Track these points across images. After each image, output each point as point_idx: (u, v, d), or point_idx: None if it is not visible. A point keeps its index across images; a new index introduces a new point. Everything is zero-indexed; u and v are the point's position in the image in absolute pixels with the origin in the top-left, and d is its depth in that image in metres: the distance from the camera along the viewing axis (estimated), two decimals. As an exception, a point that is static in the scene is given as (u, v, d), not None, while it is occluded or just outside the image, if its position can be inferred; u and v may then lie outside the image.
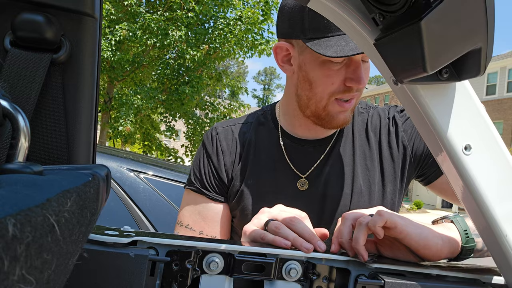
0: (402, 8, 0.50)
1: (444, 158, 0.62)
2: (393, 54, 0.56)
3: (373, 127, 1.18)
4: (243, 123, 1.22)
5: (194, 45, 10.69)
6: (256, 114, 1.24)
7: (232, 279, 0.72)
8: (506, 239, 0.62)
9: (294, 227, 0.80)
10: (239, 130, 1.20)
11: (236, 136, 1.19)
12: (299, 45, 1.04)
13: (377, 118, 1.19)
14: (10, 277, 0.22)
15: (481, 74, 0.54)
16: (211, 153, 1.18)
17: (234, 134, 1.19)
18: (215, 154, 1.17)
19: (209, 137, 1.21)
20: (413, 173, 1.17)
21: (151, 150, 13.07)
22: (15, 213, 0.24)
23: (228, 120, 1.26)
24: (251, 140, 1.17)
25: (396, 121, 1.17)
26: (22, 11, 0.52)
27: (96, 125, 0.62)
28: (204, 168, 1.18)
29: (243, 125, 1.21)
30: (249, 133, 1.19)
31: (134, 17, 10.34)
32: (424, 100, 0.59)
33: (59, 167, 0.48)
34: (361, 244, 0.74)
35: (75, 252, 0.38)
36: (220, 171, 1.16)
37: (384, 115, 1.20)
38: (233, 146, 1.18)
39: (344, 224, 0.81)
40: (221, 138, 1.19)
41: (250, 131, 1.19)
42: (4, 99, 0.40)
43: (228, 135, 1.19)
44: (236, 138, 1.19)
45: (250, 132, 1.19)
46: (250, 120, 1.23)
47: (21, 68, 0.53)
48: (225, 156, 1.17)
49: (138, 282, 0.65)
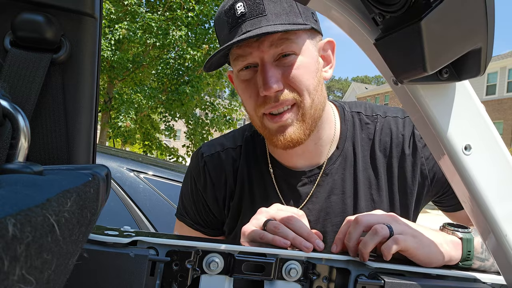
0: (402, 8, 0.50)
1: (444, 158, 0.62)
2: (393, 54, 0.55)
3: (382, 145, 1.01)
4: (232, 147, 1.10)
5: (194, 45, 10.69)
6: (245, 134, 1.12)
7: (232, 279, 0.72)
8: (506, 239, 0.61)
9: (293, 226, 0.80)
10: (228, 158, 1.09)
11: (225, 166, 1.08)
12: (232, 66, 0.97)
13: (388, 133, 1.01)
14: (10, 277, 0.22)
15: (481, 74, 0.54)
16: (201, 188, 1.10)
17: (223, 163, 1.08)
18: (205, 189, 1.09)
19: (196, 168, 1.11)
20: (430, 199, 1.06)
21: (151, 150, 13.07)
22: (15, 213, 0.24)
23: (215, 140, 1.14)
24: (243, 173, 1.07)
25: (415, 143, 1.00)
26: (22, 11, 0.52)
27: (96, 125, 0.62)
28: (196, 203, 1.11)
29: (232, 151, 1.10)
30: (239, 161, 1.08)
31: (134, 17, 10.34)
32: (424, 100, 0.59)
33: (59, 167, 0.48)
34: (369, 250, 0.74)
35: (75, 252, 0.38)
36: (213, 206, 1.09)
37: (397, 130, 1.01)
38: (224, 179, 1.08)
39: (355, 228, 0.77)
40: (210, 169, 1.08)
41: (240, 159, 1.08)
42: (4, 99, 0.40)
43: (217, 165, 1.08)
44: (226, 169, 1.08)
45: (241, 160, 1.08)
46: (239, 144, 1.11)
47: (21, 68, 0.53)
48: (216, 191, 1.08)
49: (138, 282, 0.65)
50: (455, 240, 0.80)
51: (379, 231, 0.74)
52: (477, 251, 0.81)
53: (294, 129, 0.91)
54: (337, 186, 1.01)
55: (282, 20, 0.87)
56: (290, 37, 0.88)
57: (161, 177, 2.42)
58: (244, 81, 0.93)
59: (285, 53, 0.89)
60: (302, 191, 1.02)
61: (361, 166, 1.01)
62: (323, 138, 1.01)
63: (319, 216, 1.01)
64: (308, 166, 1.03)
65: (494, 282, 0.75)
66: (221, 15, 0.93)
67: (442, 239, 0.79)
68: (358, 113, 1.06)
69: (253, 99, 0.92)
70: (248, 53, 0.89)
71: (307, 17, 0.91)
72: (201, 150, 1.13)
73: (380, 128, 1.03)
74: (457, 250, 0.79)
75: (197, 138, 11.97)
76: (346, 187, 1.00)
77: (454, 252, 0.79)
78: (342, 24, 0.62)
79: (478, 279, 0.76)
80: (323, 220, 1.01)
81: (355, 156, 1.01)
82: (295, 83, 0.89)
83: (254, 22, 0.86)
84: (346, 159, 1.02)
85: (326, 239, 1.00)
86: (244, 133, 1.13)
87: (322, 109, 0.96)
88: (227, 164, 1.08)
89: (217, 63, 0.96)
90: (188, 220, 1.13)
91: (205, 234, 1.13)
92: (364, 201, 0.99)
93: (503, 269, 0.67)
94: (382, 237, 0.74)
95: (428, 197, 1.04)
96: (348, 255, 0.76)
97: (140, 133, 13.25)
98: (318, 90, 0.93)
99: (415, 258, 0.76)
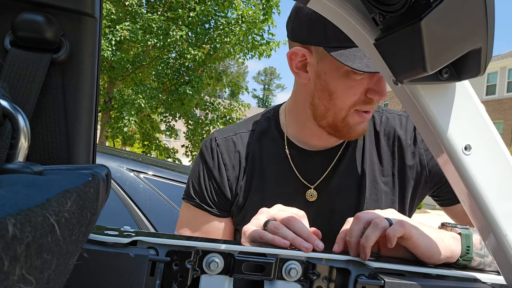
0: (402, 8, 0.50)
1: (444, 158, 0.62)
2: (393, 54, 0.56)
3: (385, 134, 1.10)
4: (245, 132, 1.14)
5: (195, 45, 10.69)
6: (259, 120, 1.16)
7: (232, 279, 0.72)
8: (506, 239, 0.61)
9: (292, 227, 0.80)
10: (241, 141, 1.12)
11: (238, 148, 1.11)
12: (319, 53, 0.96)
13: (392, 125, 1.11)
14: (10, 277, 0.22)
15: (481, 74, 0.54)
16: (212, 167, 1.11)
17: (236, 146, 1.12)
18: (216, 169, 1.10)
19: (208, 149, 1.13)
20: (428, 193, 1.11)
21: (151, 150, 13.06)
22: (15, 213, 0.24)
23: (227, 128, 1.18)
24: (255, 152, 1.10)
25: (416, 136, 1.09)
26: (22, 11, 0.52)
27: (96, 125, 0.62)
28: (205, 183, 1.11)
29: (245, 135, 1.13)
30: (252, 143, 1.12)
31: (135, 17, 10.34)
32: (424, 100, 0.59)
33: (59, 167, 0.48)
34: (371, 244, 0.74)
35: (75, 252, 0.38)
36: (223, 187, 1.10)
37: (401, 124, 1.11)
38: (236, 159, 1.11)
39: (356, 224, 0.79)
40: (222, 151, 1.11)
41: (253, 142, 1.12)
42: (4, 99, 0.40)
43: (229, 147, 1.12)
44: (239, 150, 1.11)
45: (253, 142, 1.12)
46: (252, 128, 1.14)
47: (21, 68, 0.53)
48: (227, 171, 1.10)
49: (138, 282, 0.65)
50: (454, 235, 0.82)
51: (379, 223, 0.76)
52: (476, 247, 0.82)
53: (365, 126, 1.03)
54: (348, 166, 1.08)
55: None
56: None
57: (161, 177, 2.42)
58: (353, 79, 0.96)
59: None
60: (317, 170, 1.08)
61: (368, 151, 1.09)
62: None
63: (331, 195, 1.07)
64: (324, 147, 1.10)
65: (494, 282, 0.75)
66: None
67: (442, 235, 0.81)
68: None
69: (357, 96, 0.97)
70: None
71: None
72: (214, 135, 1.15)
73: (385, 120, 1.11)
74: (457, 245, 0.80)
75: (197, 138, 11.97)
76: (355, 167, 1.08)
77: (454, 246, 0.80)
78: (342, 24, 0.62)
79: (478, 279, 0.76)
80: (334, 199, 1.06)
81: (364, 142, 1.09)
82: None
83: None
84: (356, 143, 1.09)
85: (336, 218, 1.03)
86: (257, 120, 1.17)
87: None
88: (239, 146, 1.12)
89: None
90: (196, 200, 1.12)
91: (211, 214, 1.12)
92: (368, 182, 1.06)
93: (503, 269, 0.67)
94: (383, 228, 0.76)
95: (425, 189, 1.09)
96: (348, 255, 0.76)
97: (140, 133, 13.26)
98: None
99: (417, 248, 0.77)
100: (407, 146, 1.08)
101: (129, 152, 3.65)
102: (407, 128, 1.10)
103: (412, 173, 1.07)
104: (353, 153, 1.09)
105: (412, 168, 1.07)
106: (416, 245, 0.77)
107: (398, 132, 1.09)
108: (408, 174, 1.07)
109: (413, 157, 1.07)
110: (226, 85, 13.12)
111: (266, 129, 1.13)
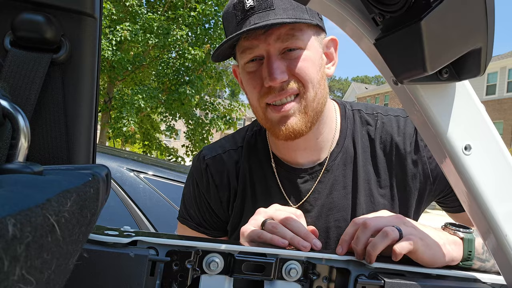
0: (402, 8, 0.50)
1: (444, 158, 0.62)
2: (393, 54, 0.56)
3: (382, 142, 1.03)
4: (234, 149, 1.11)
5: (195, 44, 10.69)
6: (246, 135, 1.13)
7: (232, 279, 0.72)
8: (506, 239, 0.61)
9: (290, 226, 0.80)
10: (230, 159, 1.10)
11: (228, 167, 1.09)
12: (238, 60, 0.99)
13: (388, 130, 1.03)
14: (10, 277, 0.22)
15: (481, 74, 0.54)
16: (204, 190, 1.10)
17: (225, 164, 1.09)
18: (209, 191, 1.10)
19: (199, 171, 1.11)
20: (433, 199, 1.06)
21: (151, 150, 13.06)
22: (15, 213, 0.24)
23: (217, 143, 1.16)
24: (245, 172, 1.08)
25: (417, 142, 1.01)
26: (22, 11, 0.52)
27: (96, 125, 0.62)
28: (199, 206, 1.11)
29: (233, 152, 1.11)
30: (241, 161, 1.09)
31: (135, 17, 10.34)
32: (424, 100, 0.59)
33: (59, 167, 0.48)
34: (377, 252, 0.73)
35: (75, 252, 0.38)
36: (217, 209, 1.10)
37: (398, 128, 1.03)
38: (226, 180, 1.09)
39: (364, 233, 0.77)
40: (212, 172, 1.09)
41: (242, 160, 1.09)
42: (4, 99, 0.40)
43: (219, 167, 1.09)
44: (229, 169, 1.09)
45: (242, 161, 1.09)
46: (240, 144, 1.12)
47: (21, 68, 0.53)
48: (219, 192, 1.09)
49: (138, 282, 0.65)
50: (456, 240, 0.81)
51: (390, 234, 0.74)
52: (478, 251, 0.81)
53: (296, 120, 0.92)
54: (338, 182, 1.02)
55: (289, 15, 0.89)
56: (296, 33, 0.91)
57: (161, 177, 2.42)
58: (250, 72, 0.95)
59: (290, 48, 0.91)
60: (304, 188, 1.03)
61: (361, 162, 1.02)
62: (324, 134, 1.02)
63: (321, 212, 1.02)
64: (310, 163, 1.04)
65: (494, 282, 0.75)
66: (229, 9, 0.95)
67: (445, 239, 0.79)
68: (358, 111, 1.08)
69: (257, 90, 0.94)
70: (255, 46, 0.91)
71: (313, 15, 0.94)
72: (203, 153, 1.14)
73: (380, 125, 1.04)
74: (459, 251, 0.80)
75: (197, 138, 11.96)
76: (347, 182, 1.02)
77: (456, 253, 0.79)
78: (342, 24, 0.62)
79: (478, 279, 0.76)
80: (325, 216, 1.02)
81: (355, 152, 1.03)
82: (300, 75, 0.91)
83: (262, 15, 0.89)
84: (346, 155, 1.03)
85: (329, 234, 1.01)
86: (245, 134, 1.14)
87: (324, 104, 0.98)
88: (229, 165, 1.09)
89: (224, 54, 0.98)
90: (191, 223, 1.13)
91: (209, 235, 1.13)
92: (363, 196, 1.00)
93: (503, 269, 0.67)
94: (392, 239, 0.74)
95: (431, 196, 1.03)
96: (349, 255, 0.76)
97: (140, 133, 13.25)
98: (321, 85, 0.95)
99: (420, 259, 0.76)
100: (406, 154, 1.01)
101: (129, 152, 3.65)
102: (406, 133, 1.02)
103: (415, 183, 1.00)
104: (344, 166, 1.02)
105: (415, 178, 1.00)
106: (419, 257, 0.76)
107: (395, 140, 1.01)
108: (410, 185, 1.00)
109: (415, 166, 1.00)
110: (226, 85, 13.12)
111: (254, 146, 1.11)
